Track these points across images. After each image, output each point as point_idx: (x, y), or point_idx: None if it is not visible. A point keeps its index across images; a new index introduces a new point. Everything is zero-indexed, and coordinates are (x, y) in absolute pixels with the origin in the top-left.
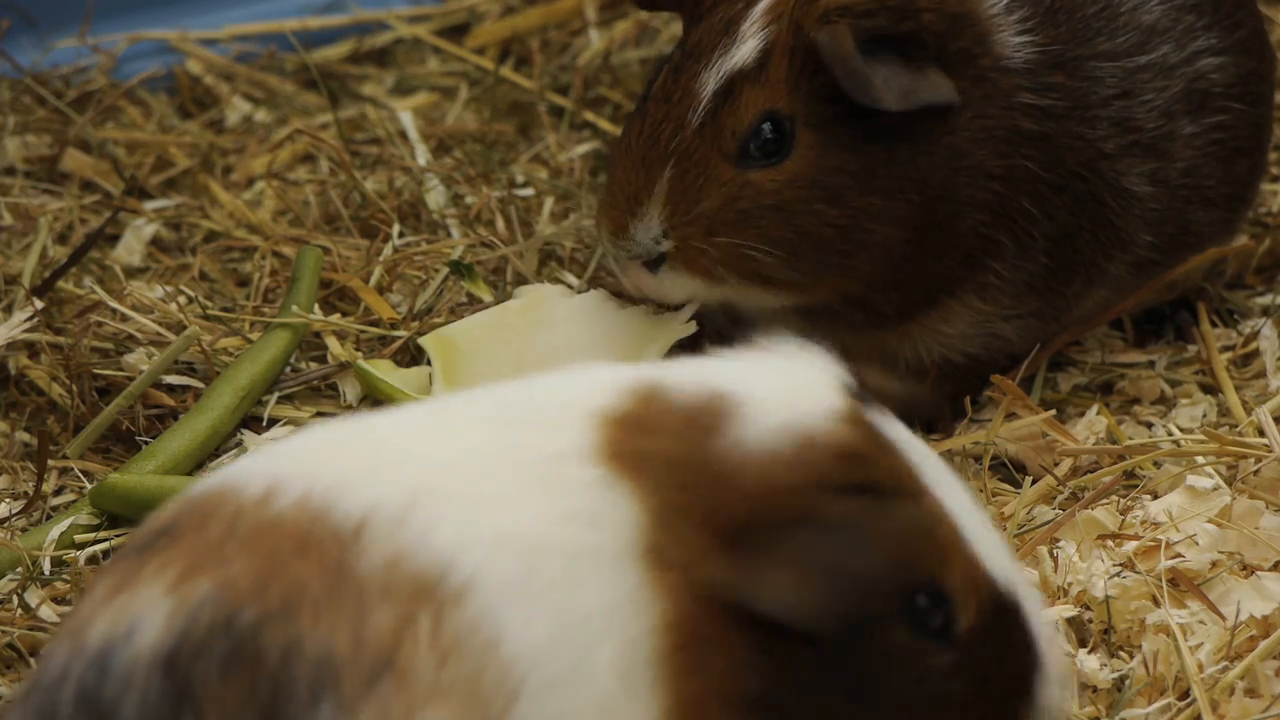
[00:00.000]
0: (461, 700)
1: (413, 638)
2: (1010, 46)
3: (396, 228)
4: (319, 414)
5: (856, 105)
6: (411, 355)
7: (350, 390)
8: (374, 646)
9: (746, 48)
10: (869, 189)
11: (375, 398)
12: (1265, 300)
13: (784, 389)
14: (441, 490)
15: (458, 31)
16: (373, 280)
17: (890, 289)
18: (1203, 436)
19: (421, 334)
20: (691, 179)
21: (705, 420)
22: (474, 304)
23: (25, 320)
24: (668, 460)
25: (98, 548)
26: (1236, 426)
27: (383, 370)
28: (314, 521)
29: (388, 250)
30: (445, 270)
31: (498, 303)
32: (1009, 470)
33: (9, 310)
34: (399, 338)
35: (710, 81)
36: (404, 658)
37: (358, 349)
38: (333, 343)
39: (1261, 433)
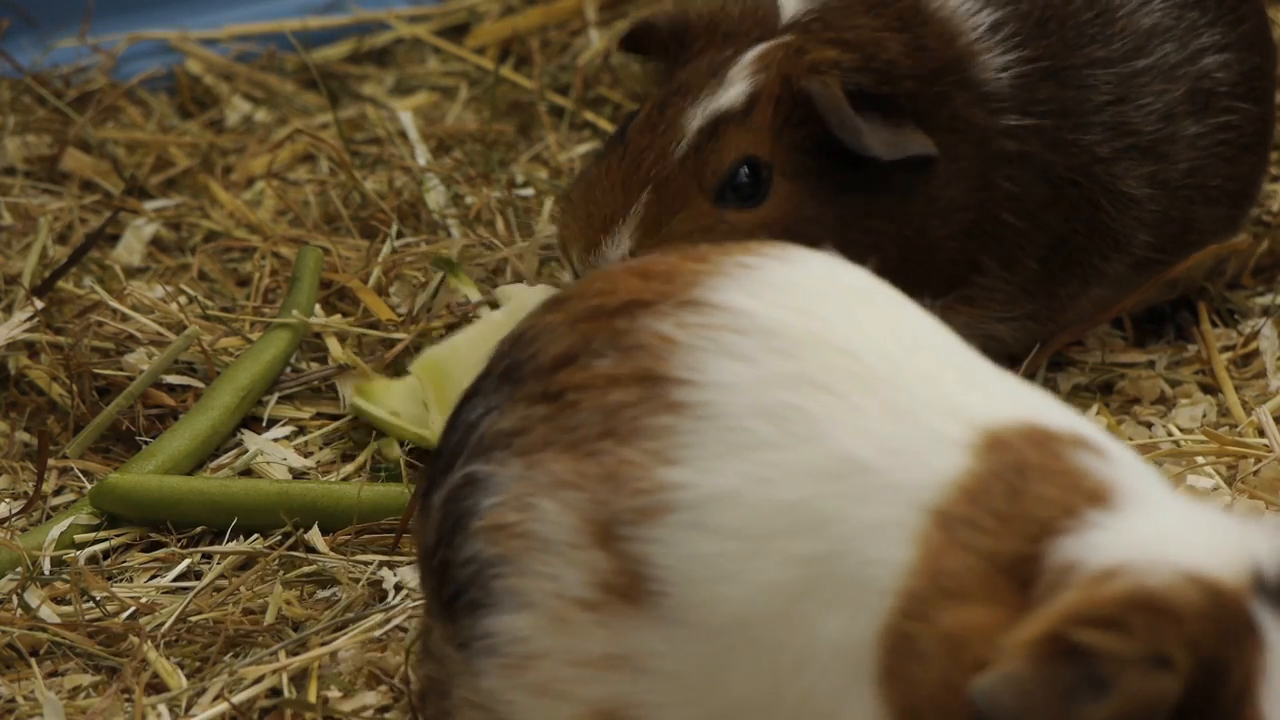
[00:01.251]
0: None
1: None
2: (993, 69)
3: (394, 227)
4: (319, 414)
5: (836, 159)
6: (412, 355)
7: (349, 393)
8: None
9: (734, 91)
10: (843, 241)
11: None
12: (1265, 300)
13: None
14: None
15: (458, 31)
16: (371, 281)
17: None
18: (1203, 437)
19: (422, 334)
20: (667, 205)
21: None
22: (469, 302)
23: (25, 320)
24: None
25: (98, 548)
26: (1236, 427)
27: (378, 391)
28: None
29: (386, 250)
30: (443, 270)
31: (485, 300)
32: None
33: (9, 310)
34: (399, 340)
35: (696, 118)
36: None
37: (356, 352)
38: (333, 344)
39: (1261, 433)
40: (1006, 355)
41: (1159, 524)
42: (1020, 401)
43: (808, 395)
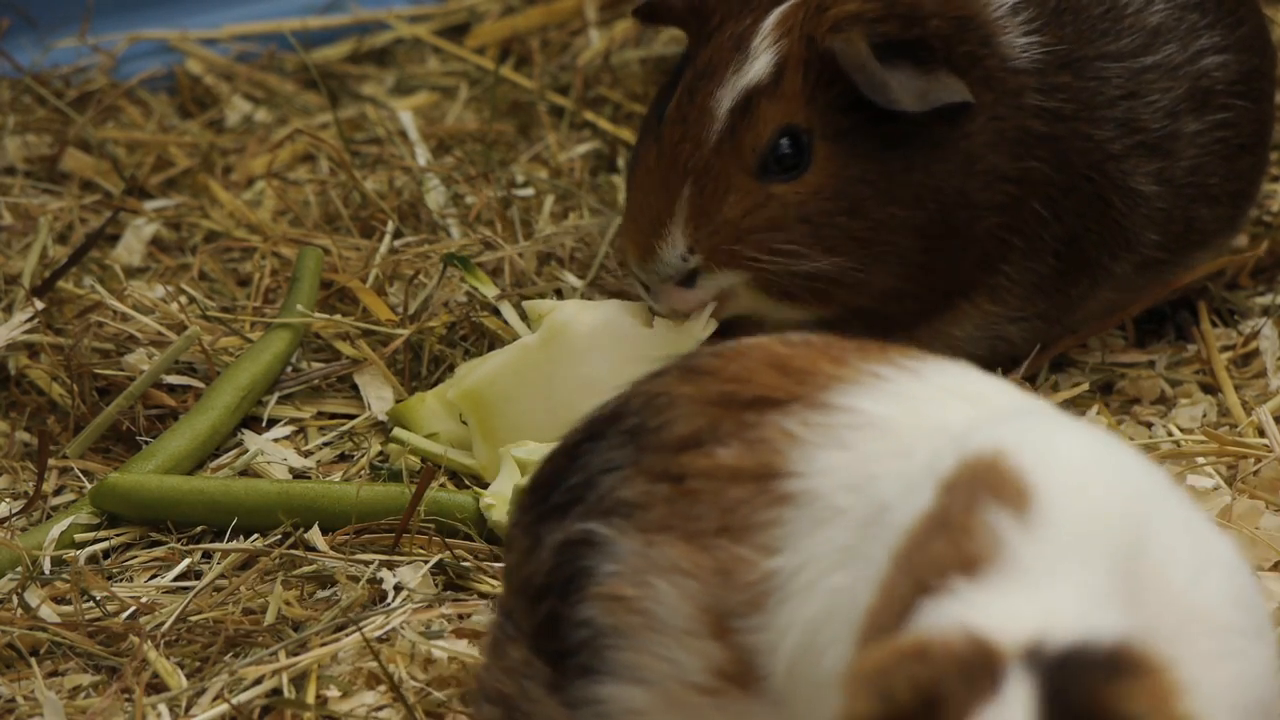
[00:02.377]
0: None
1: None
2: (1017, 48)
3: (391, 225)
4: (320, 413)
5: (872, 115)
6: (413, 353)
7: (370, 390)
8: None
9: (760, 63)
10: (889, 199)
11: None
12: (1265, 300)
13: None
14: None
15: (458, 31)
16: (369, 281)
17: (907, 297)
18: (1203, 437)
19: (420, 334)
20: (711, 193)
21: None
22: (472, 302)
23: (25, 320)
24: None
25: (98, 547)
26: (1237, 427)
27: (412, 411)
28: None
29: (384, 249)
30: (443, 268)
31: (502, 294)
32: None
33: (9, 310)
34: (398, 336)
35: (726, 99)
36: None
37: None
38: (344, 346)
39: (1261, 432)
40: (1011, 358)
41: (1002, 601)
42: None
43: (888, 464)
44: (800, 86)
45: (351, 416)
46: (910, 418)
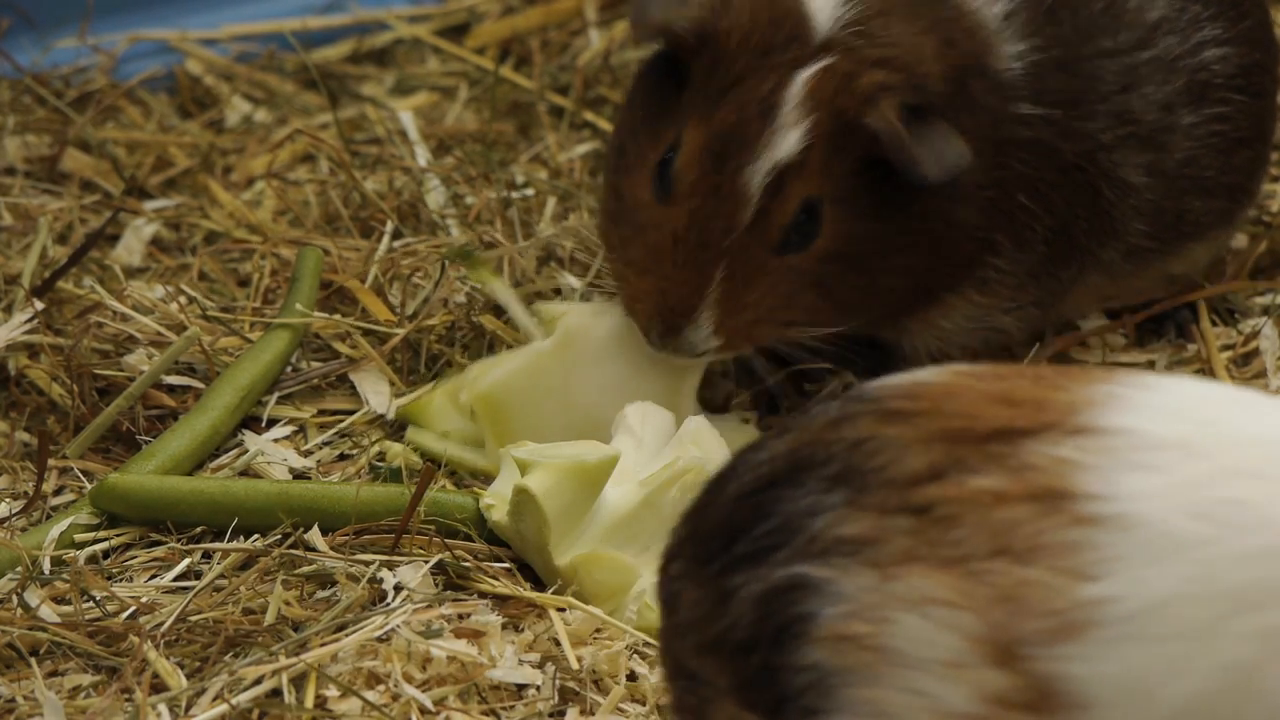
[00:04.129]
0: None
1: None
2: (1007, 58)
3: (389, 225)
4: (320, 413)
5: (878, 176)
6: (413, 351)
7: (366, 386)
8: None
9: (791, 139)
10: (889, 250)
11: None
12: (1265, 300)
13: None
14: None
15: (458, 31)
16: (368, 281)
17: (896, 306)
18: None
19: (419, 332)
20: (742, 279)
21: None
22: (470, 302)
23: (25, 320)
24: None
25: (97, 547)
26: None
27: (423, 410)
28: None
29: (382, 249)
30: (442, 266)
31: (513, 285)
32: None
33: (9, 310)
34: (396, 334)
35: (758, 176)
36: None
37: (355, 348)
38: (342, 347)
39: None
40: (1008, 350)
41: None
42: None
43: (1239, 487)
44: (822, 158)
45: (351, 414)
46: (1196, 429)
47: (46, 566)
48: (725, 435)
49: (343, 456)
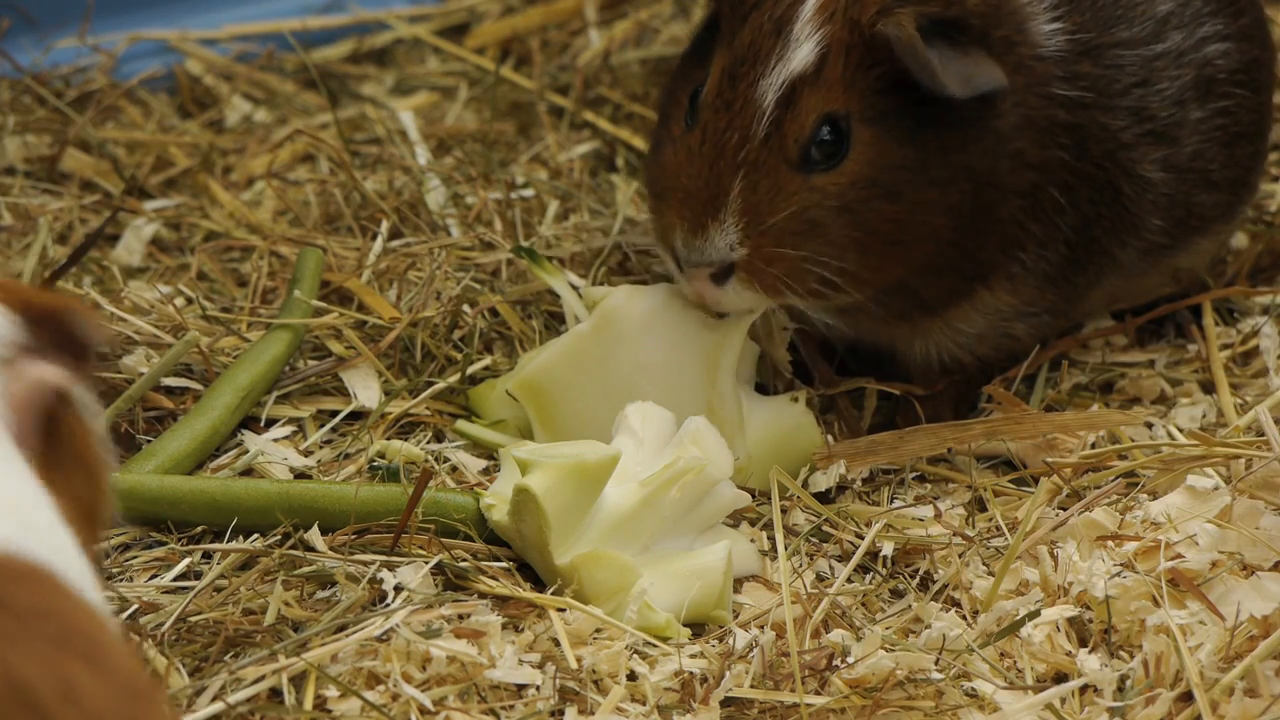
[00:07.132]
0: None
1: None
2: (1043, 35)
3: (385, 225)
4: (319, 412)
5: (909, 98)
6: (407, 348)
7: (355, 382)
8: None
9: (803, 51)
10: (925, 181)
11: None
12: (1265, 299)
13: None
14: None
15: (458, 31)
16: (364, 279)
17: (934, 275)
18: (1194, 440)
19: (416, 327)
20: (763, 190)
21: None
22: (464, 297)
23: None
24: None
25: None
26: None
27: (482, 397)
28: None
29: (377, 248)
30: (526, 259)
31: (571, 286)
32: (1010, 466)
33: None
34: (390, 330)
35: (770, 90)
36: None
37: (354, 347)
38: (336, 346)
39: (1260, 432)
40: (1014, 358)
41: None
42: None
43: None
44: (841, 72)
45: (351, 414)
46: None
47: None
48: (775, 414)
49: (344, 456)
